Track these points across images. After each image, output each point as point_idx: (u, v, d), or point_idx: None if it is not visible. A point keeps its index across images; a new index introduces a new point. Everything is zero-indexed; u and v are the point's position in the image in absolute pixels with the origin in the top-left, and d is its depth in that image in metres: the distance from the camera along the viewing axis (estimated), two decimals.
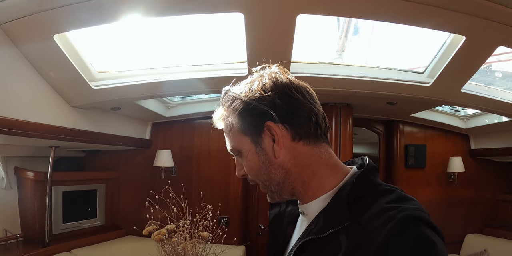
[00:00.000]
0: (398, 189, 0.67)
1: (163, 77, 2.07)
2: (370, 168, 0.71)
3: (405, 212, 0.57)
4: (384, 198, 0.63)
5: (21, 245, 2.50)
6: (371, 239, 0.56)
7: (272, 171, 0.71)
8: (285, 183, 0.72)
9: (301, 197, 0.74)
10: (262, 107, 0.69)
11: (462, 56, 1.76)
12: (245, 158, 0.74)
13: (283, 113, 0.69)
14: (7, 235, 2.50)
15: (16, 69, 1.74)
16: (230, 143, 0.76)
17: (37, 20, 1.47)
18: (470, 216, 3.41)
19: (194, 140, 3.29)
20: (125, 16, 1.47)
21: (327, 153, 0.73)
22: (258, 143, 0.71)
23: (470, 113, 3.22)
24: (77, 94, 2.12)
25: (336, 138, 2.81)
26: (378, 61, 2.74)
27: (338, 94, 2.32)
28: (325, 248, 0.63)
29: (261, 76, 0.73)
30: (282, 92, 0.69)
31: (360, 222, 0.60)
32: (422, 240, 0.55)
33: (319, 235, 0.64)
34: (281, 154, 0.70)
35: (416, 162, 3.36)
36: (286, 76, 0.73)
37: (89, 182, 3.07)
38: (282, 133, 0.69)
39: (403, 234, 0.55)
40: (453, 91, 2.15)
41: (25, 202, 2.68)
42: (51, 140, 2.25)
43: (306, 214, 0.75)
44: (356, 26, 2.54)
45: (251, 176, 0.75)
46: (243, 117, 0.71)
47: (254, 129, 0.71)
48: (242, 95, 0.71)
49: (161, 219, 2.04)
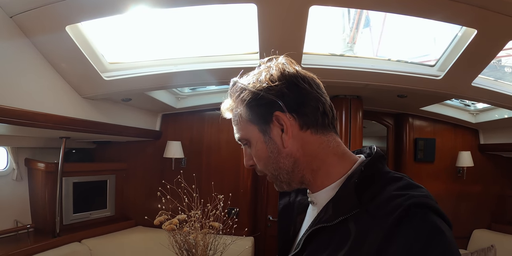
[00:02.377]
0: (406, 177, 0.67)
1: (174, 68, 2.07)
2: (378, 157, 0.71)
3: (412, 199, 0.57)
4: (392, 186, 0.63)
5: (32, 236, 2.54)
6: (379, 226, 0.57)
7: (280, 160, 0.72)
8: (294, 172, 0.73)
9: (310, 185, 0.75)
10: (270, 97, 0.69)
11: (474, 49, 1.74)
12: (253, 148, 0.74)
13: (291, 102, 0.69)
14: (18, 225, 2.54)
15: (28, 60, 1.75)
16: (239, 133, 0.76)
17: (49, 11, 1.47)
18: (478, 211, 3.39)
19: (204, 132, 3.30)
20: (137, 6, 1.47)
21: (335, 142, 0.73)
22: (266, 132, 0.71)
23: (479, 108, 3.19)
24: (88, 85, 2.13)
25: (346, 131, 2.80)
26: (389, 54, 2.72)
27: (348, 86, 2.31)
28: (334, 236, 0.63)
29: (269, 67, 0.74)
30: (289, 82, 0.70)
31: (368, 209, 0.61)
32: (430, 228, 0.55)
33: (328, 223, 0.65)
34: (290, 144, 0.70)
35: (425, 156, 3.35)
36: (293, 67, 0.74)
37: (99, 173, 3.10)
38: (290, 122, 0.69)
39: (410, 221, 0.55)
40: (464, 85, 2.13)
41: (36, 193, 2.71)
42: (62, 131, 2.27)
43: (315, 203, 0.75)
44: (367, 18, 2.52)
45: (260, 166, 0.76)
46: (251, 107, 0.71)
47: (262, 119, 0.71)
48: (250, 85, 0.72)
49: (171, 209, 2.06)
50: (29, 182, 2.76)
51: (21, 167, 2.69)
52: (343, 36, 2.74)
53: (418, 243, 0.53)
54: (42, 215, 2.66)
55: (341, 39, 2.76)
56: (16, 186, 2.66)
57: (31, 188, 2.75)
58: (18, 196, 2.67)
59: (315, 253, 0.66)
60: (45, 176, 2.63)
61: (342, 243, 0.60)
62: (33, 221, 2.71)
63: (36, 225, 2.65)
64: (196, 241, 1.93)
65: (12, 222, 2.56)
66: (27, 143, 2.70)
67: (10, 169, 2.62)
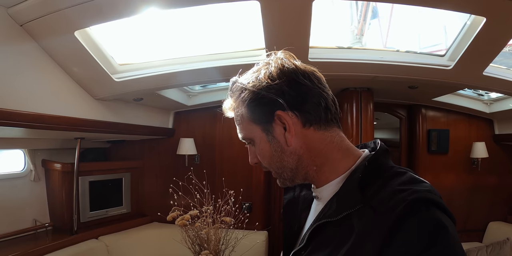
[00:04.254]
0: (410, 171, 0.67)
1: (183, 67, 2.09)
2: (382, 151, 0.71)
3: (416, 194, 0.57)
4: (395, 180, 0.63)
5: (50, 234, 2.62)
6: (382, 221, 0.57)
7: (284, 158, 0.72)
8: (298, 169, 0.73)
9: (314, 181, 0.75)
10: (270, 96, 0.68)
11: (483, 38, 1.70)
12: (257, 147, 0.75)
13: (291, 100, 0.68)
14: (36, 224, 2.62)
15: (40, 66, 1.80)
16: (242, 132, 0.76)
17: (57, 18, 1.51)
18: (494, 203, 3.32)
19: (216, 128, 3.32)
20: (143, 9, 1.49)
21: (338, 137, 0.73)
22: (269, 131, 0.71)
23: (493, 97, 3.10)
24: (100, 87, 2.17)
25: (357, 123, 2.77)
26: (398, 45, 2.69)
27: (358, 78, 2.29)
28: (338, 231, 0.64)
29: (267, 63, 0.73)
30: (289, 79, 0.69)
31: (372, 204, 0.61)
32: (433, 223, 0.55)
33: (332, 218, 0.65)
34: (293, 142, 0.70)
35: (438, 148, 3.29)
36: (293, 61, 0.73)
37: (115, 171, 3.16)
38: (292, 120, 0.69)
39: (413, 217, 0.55)
40: (475, 74, 2.09)
41: (53, 193, 2.79)
42: (77, 132, 2.33)
43: (320, 198, 0.76)
44: (374, 9, 2.49)
45: (265, 164, 0.76)
46: (252, 107, 0.71)
47: (264, 118, 0.71)
48: (250, 85, 0.71)
49: (184, 205, 2.10)
50: (46, 183, 2.84)
51: (38, 168, 2.77)
52: (351, 28, 2.72)
53: (421, 238, 0.53)
54: (60, 214, 2.74)
55: (350, 31, 2.74)
56: (34, 186, 2.74)
57: (48, 188, 2.83)
58: (36, 196, 2.76)
59: (319, 248, 0.67)
60: (62, 176, 2.70)
61: (346, 238, 0.61)
62: (51, 220, 2.79)
63: (54, 223, 2.73)
64: (208, 236, 1.96)
65: (31, 222, 2.65)
66: (43, 145, 2.77)
67: (27, 170, 2.70)
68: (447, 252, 0.53)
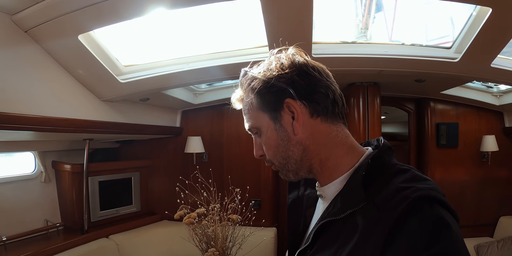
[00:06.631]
0: (413, 169, 0.67)
1: (187, 66, 2.10)
2: (385, 149, 0.71)
3: (419, 192, 0.57)
4: (398, 178, 0.63)
5: (62, 233, 2.67)
6: (385, 219, 0.57)
7: (290, 148, 0.72)
8: (302, 160, 0.73)
9: (318, 175, 0.75)
10: (280, 84, 0.69)
11: (490, 29, 1.66)
12: (264, 136, 0.75)
13: (301, 90, 0.69)
14: (48, 224, 2.67)
15: (46, 70, 1.83)
16: (249, 121, 0.77)
17: (60, 23, 1.53)
18: (505, 197, 3.25)
19: (224, 125, 3.33)
20: (145, 11, 1.50)
21: (343, 133, 0.73)
22: (277, 119, 0.72)
23: (503, 89, 3.04)
24: (105, 89, 2.19)
25: (364, 118, 2.74)
26: (404, 38, 2.65)
27: (363, 73, 2.27)
28: (343, 230, 0.64)
29: (279, 57, 0.74)
30: (299, 70, 0.70)
31: (375, 202, 0.61)
32: (436, 221, 0.54)
33: (336, 217, 0.65)
34: (300, 131, 0.71)
35: (448, 141, 3.23)
36: (304, 56, 0.74)
37: (124, 171, 3.19)
38: (301, 109, 0.70)
39: (416, 214, 0.55)
40: (483, 66, 2.05)
41: (64, 193, 2.83)
42: (85, 134, 2.35)
43: (324, 197, 0.76)
44: (379, 2, 2.46)
45: (269, 155, 0.76)
46: (262, 94, 0.72)
47: (273, 106, 0.71)
48: (261, 74, 0.72)
49: (191, 203, 2.11)
50: (57, 183, 2.89)
51: (48, 169, 2.81)
52: (356, 22, 2.69)
53: (424, 236, 0.53)
54: (71, 214, 2.78)
55: (355, 25, 2.71)
56: (44, 188, 2.79)
57: (59, 189, 2.88)
58: (47, 197, 2.81)
59: (325, 246, 0.67)
60: (72, 176, 2.74)
61: (350, 237, 0.61)
62: (63, 220, 2.84)
63: (65, 223, 2.78)
64: (215, 233, 1.97)
65: (43, 222, 2.71)
66: (52, 147, 2.81)
67: (38, 172, 2.75)
68: (450, 249, 0.52)
